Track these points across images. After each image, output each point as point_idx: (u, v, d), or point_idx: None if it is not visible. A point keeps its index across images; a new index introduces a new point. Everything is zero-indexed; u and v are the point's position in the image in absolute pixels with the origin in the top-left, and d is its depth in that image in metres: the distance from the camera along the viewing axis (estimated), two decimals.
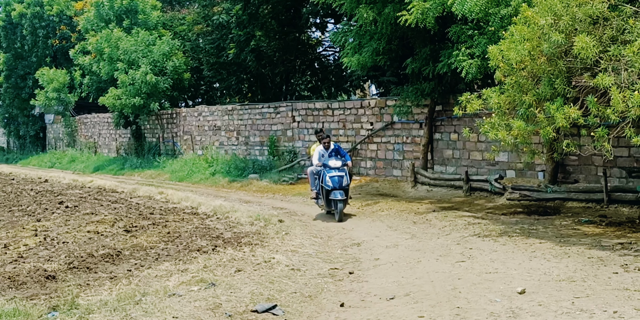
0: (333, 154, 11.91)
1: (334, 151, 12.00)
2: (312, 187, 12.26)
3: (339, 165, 11.51)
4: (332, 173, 11.37)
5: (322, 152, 12.00)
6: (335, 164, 11.50)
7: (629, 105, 6.99)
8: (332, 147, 12.09)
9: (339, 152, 12.03)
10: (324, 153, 11.97)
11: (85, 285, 6.62)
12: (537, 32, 8.15)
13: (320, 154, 12.00)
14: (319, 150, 12.04)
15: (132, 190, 16.23)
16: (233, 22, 22.42)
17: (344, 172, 11.50)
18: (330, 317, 5.54)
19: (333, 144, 12.19)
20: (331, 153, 11.94)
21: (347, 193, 11.49)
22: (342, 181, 11.34)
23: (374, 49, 13.71)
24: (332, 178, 11.32)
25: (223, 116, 22.65)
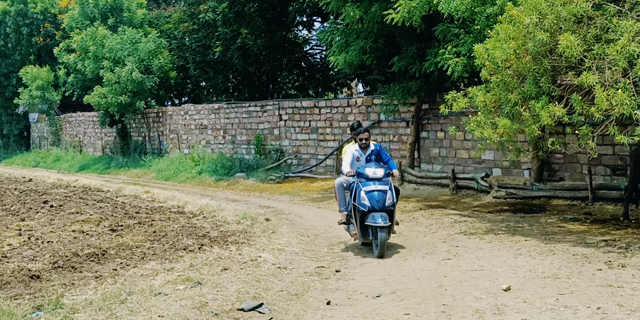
0: (372, 159, 8.63)
1: (373, 154, 8.68)
2: (340, 208, 8.80)
3: (381, 175, 8.10)
4: (370, 186, 7.99)
5: (356, 154, 8.72)
6: (375, 172, 8.10)
7: (612, 103, 7.05)
8: (372, 148, 8.72)
9: (380, 155, 8.71)
10: (359, 155, 8.70)
11: (70, 285, 6.57)
12: (522, 31, 8.19)
13: (354, 157, 8.71)
14: (352, 152, 8.74)
15: (117, 190, 16.14)
16: (219, 20, 22.34)
17: (388, 186, 8.07)
18: (316, 315, 5.54)
19: (373, 145, 8.80)
20: (370, 157, 8.66)
21: (391, 217, 8.02)
22: (384, 199, 7.93)
23: (360, 48, 13.74)
24: (369, 194, 7.94)
25: (210, 115, 22.58)
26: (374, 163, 8.42)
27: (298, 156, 18.97)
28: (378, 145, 8.86)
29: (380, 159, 8.65)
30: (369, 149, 8.66)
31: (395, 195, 8.13)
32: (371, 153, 8.67)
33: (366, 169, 8.21)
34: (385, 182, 8.08)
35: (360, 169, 8.28)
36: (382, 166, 8.33)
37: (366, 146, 8.64)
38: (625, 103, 6.98)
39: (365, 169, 8.20)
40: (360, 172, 8.21)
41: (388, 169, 8.34)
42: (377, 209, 7.87)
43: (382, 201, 7.93)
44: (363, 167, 8.28)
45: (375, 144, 8.81)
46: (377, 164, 8.38)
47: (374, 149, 8.71)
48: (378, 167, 8.26)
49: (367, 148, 8.66)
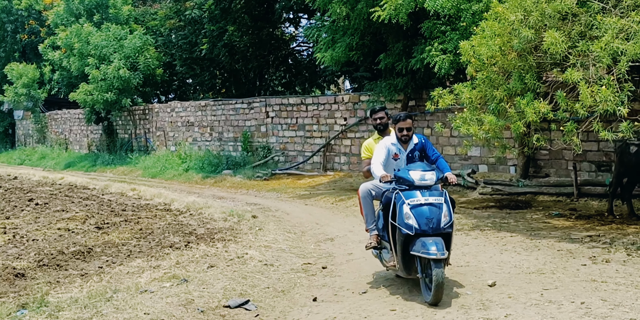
0: (417, 156, 6.35)
1: (417, 150, 6.37)
2: (367, 225, 6.52)
3: (432, 181, 5.87)
4: (418, 198, 5.74)
5: (393, 149, 6.36)
6: (424, 177, 5.84)
7: (596, 100, 7.10)
8: (416, 141, 6.39)
9: (425, 151, 6.39)
10: (397, 152, 6.35)
11: (55, 283, 6.53)
12: (507, 27, 8.22)
13: (389, 153, 6.35)
14: (388, 147, 6.35)
15: (104, 187, 16.05)
16: (205, 17, 22.26)
17: (442, 197, 5.83)
18: (302, 311, 5.55)
19: (417, 136, 6.44)
20: (413, 153, 6.35)
21: (448, 243, 5.76)
22: (438, 217, 5.68)
23: (347, 45, 13.73)
24: (417, 210, 5.68)
25: (196, 112, 22.51)
26: (420, 163, 6.05)
27: (285, 153, 18.96)
28: (423, 137, 6.46)
29: (426, 157, 6.31)
30: (411, 143, 6.27)
31: (451, 209, 5.77)
32: (414, 148, 6.30)
33: (410, 172, 5.79)
34: (437, 191, 5.80)
35: (402, 172, 5.88)
36: (431, 167, 5.97)
37: (408, 139, 6.22)
38: (609, 99, 7.03)
39: (409, 173, 5.79)
40: (402, 176, 5.80)
41: (440, 173, 6.02)
42: (428, 231, 5.53)
43: (436, 220, 5.58)
44: (405, 170, 5.88)
45: (419, 135, 6.44)
46: (425, 165, 5.97)
47: (418, 143, 6.30)
48: (427, 169, 5.85)
49: (408, 142, 6.26)
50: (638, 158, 9.01)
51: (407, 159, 6.29)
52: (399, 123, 6.19)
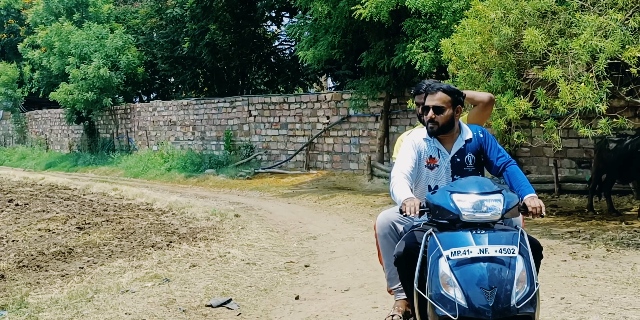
0: (470, 162, 3.89)
1: (469, 150, 3.90)
2: (390, 283, 4.38)
3: (494, 213, 3.35)
4: (467, 247, 3.25)
5: (425, 149, 3.93)
6: (482, 204, 3.35)
7: (576, 97, 7.16)
8: (469, 135, 3.93)
9: (484, 154, 3.91)
10: (437, 156, 3.92)
11: (36, 284, 6.47)
12: (487, 25, 8.25)
13: (419, 157, 3.92)
14: (415, 145, 3.95)
15: (85, 187, 15.93)
16: (187, 16, 22.14)
17: (515, 244, 3.28)
18: (285, 310, 5.54)
19: (471, 129, 3.97)
20: (462, 157, 3.90)
21: None
22: (505, 286, 3.16)
23: (329, 43, 13.73)
24: (465, 271, 3.20)
25: (178, 111, 22.41)
26: (474, 178, 3.61)
27: (268, 152, 18.92)
28: (481, 129, 3.99)
29: (486, 164, 3.92)
30: (460, 139, 3.91)
31: (532, 267, 3.33)
32: (464, 148, 3.89)
33: (455, 195, 3.41)
34: (506, 233, 3.37)
35: (439, 195, 3.49)
36: (494, 186, 3.44)
37: (436, 128, 3.85)
38: (588, 96, 7.09)
39: (451, 197, 3.41)
40: (439, 204, 3.43)
41: (513, 197, 3.47)
42: (486, 314, 3.12)
43: (503, 292, 3.16)
44: (445, 191, 3.49)
45: (474, 126, 4.01)
46: (483, 182, 3.49)
47: (472, 139, 3.91)
48: (487, 189, 3.41)
49: (454, 140, 3.90)
50: (616, 154, 9.11)
51: (453, 167, 3.80)
52: (426, 96, 3.83)
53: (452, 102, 3.86)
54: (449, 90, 3.87)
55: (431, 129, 3.87)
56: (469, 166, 3.91)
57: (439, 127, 3.86)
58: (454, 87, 3.90)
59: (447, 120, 3.85)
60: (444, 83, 3.99)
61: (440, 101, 3.83)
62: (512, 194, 3.51)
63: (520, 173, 3.82)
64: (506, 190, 3.49)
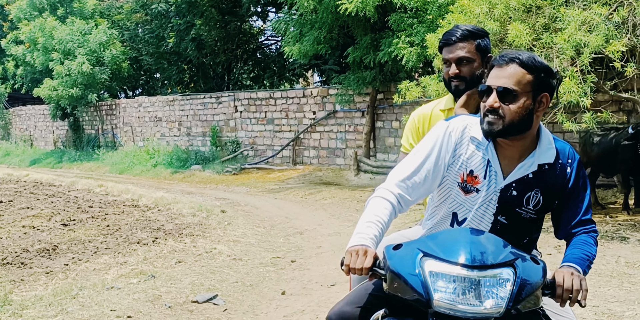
0: (530, 206, 2.29)
1: (539, 185, 2.27)
2: None
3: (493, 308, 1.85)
4: None
5: (470, 160, 2.29)
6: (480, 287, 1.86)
7: (560, 91, 7.19)
8: (551, 160, 2.28)
9: (562, 203, 2.34)
10: (484, 177, 2.27)
11: (20, 281, 6.41)
12: (473, 20, 8.25)
13: (446, 166, 2.31)
14: (453, 144, 2.31)
15: (70, 184, 15.81)
16: (172, 11, 22.02)
17: None
18: (271, 305, 5.53)
19: (560, 150, 2.32)
20: (521, 189, 2.27)
21: None
22: None
23: (315, 38, 13.70)
24: None
25: (164, 107, 22.29)
26: (471, 234, 2.01)
27: (254, 147, 18.88)
28: (573, 152, 2.37)
29: (556, 215, 2.43)
30: (532, 158, 2.29)
31: None
32: (533, 179, 2.29)
33: (430, 264, 1.93)
34: None
35: (403, 256, 2.00)
36: (507, 246, 2.00)
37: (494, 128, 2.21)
38: (572, 91, 7.12)
39: (423, 266, 1.94)
40: (401, 275, 1.96)
41: (533, 274, 1.98)
42: None
43: None
44: (413, 252, 1.99)
45: (564, 143, 2.40)
46: (481, 244, 1.97)
47: (553, 167, 2.31)
48: (487, 257, 1.91)
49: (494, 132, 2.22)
50: (600, 148, 9.16)
51: (501, 201, 2.31)
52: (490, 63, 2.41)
53: (534, 86, 2.22)
54: (532, 63, 2.21)
55: (489, 126, 2.22)
56: (526, 209, 2.31)
57: (503, 126, 2.20)
58: (541, 60, 2.24)
59: (520, 116, 2.20)
60: (528, 52, 2.29)
61: (512, 81, 2.20)
62: (535, 266, 2.00)
63: (591, 244, 2.35)
64: (526, 258, 2.00)
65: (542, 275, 2.00)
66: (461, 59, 2.81)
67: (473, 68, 2.81)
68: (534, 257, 2.03)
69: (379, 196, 2.31)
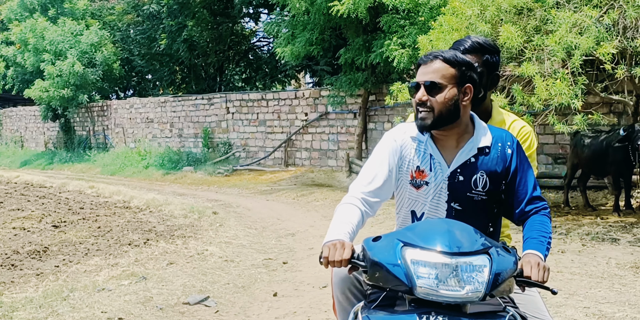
0: (475, 185, 2.41)
1: (482, 168, 2.42)
2: None
3: (472, 292, 1.96)
4: None
5: (411, 157, 2.48)
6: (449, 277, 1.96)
7: (552, 93, 7.22)
8: (486, 141, 2.45)
9: (509, 184, 2.45)
10: (426, 166, 2.46)
11: (10, 283, 6.38)
12: (464, 22, 8.29)
13: (398, 167, 2.50)
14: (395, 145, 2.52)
15: (61, 185, 15.75)
16: (164, 12, 21.97)
17: None
18: (263, 307, 5.52)
19: (491, 131, 2.48)
20: (467, 175, 2.41)
21: None
22: None
23: (307, 40, 13.70)
24: None
25: (156, 108, 22.24)
26: (446, 223, 2.13)
27: (246, 149, 18.86)
28: (507, 135, 2.52)
29: (506, 197, 2.48)
30: (469, 144, 2.45)
31: None
32: (476, 163, 2.44)
33: (410, 253, 2.02)
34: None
35: (384, 246, 2.09)
36: (481, 236, 2.10)
37: (426, 125, 2.42)
38: (563, 93, 7.16)
39: (404, 255, 2.02)
40: (382, 264, 2.05)
41: (506, 263, 2.05)
42: None
43: None
44: (393, 242, 2.07)
45: (501, 130, 2.55)
46: (457, 233, 2.06)
47: (491, 150, 2.45)
48: (464, 244, 2.02)
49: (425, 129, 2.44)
50: (591, 150, 9.20)
51: (451, 188, 2.44)
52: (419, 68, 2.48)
53: (458, 78, 2.40)
54: (453, 59, 2.40)
55: (421, 121, 2.41)
56: (476, 191, 2.42)
57: (434, 118, 2.38)
58: (462, 56, 2.44)
59: (447, 107, 2.37)
60: (452, 50, 2.52)
61: (437, 75, 2.38)
62: (508, 255, 2.09)
63: (546, 223, 2.46)
64: (498, 247, 2.09)
65: (514, 263, 2.11)
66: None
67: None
68: (506, 247, 2.14)
69: (345, 203, 2.49)
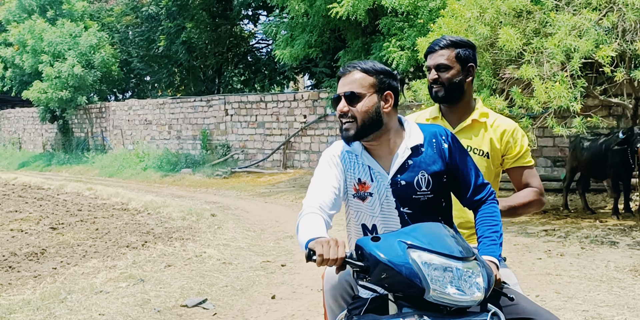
0: (423, 188, 2.40)
1: (422, 167, 2.41)
2: None
3: (477, 297, 2.02)
4: None
5: (354, 172, 2.48)
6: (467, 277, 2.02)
7: (551, 96, 7.21)
8: (418, 140, 2.45)
9: (452, 176, 2.46)
10: (366, 177, 2.45)
11: (7, 285, 6.35)
12: (463, 24, 8.28)
13: (345, 183, 2.49)
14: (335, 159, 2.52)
15: (59, 187, 15.72)
16: (163, 14, 21.98)
17: None
18: (261, 309, 5.50)
19: (421, 129, 2.49)
20: (412, 178, 2.40)
21: None
22: None
23: (306, 42, 13.70)
24: None
25: (154, 110, 22.21)
26: (439, 228, 2.17)
27: (245, 151, 18.84)
28: (444, 130, 2.51)
29: (453, 187, 2.51)
30: (402, 147, 2.44)
31: None
32: (414, 164, 2.43)
33: (419, 255, 2.00)
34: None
35: (388, 247, 2.02)
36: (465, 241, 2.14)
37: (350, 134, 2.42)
38: (562, 95, 7.15)
39: (414, 257, 1.99)
40: (393, 265, 1.97)
41: (490, 268, 2.15)
42: None
43: None
44: (395, 243, 2.03)
45: (431, 125, 2.55)
46: (451, 238, 2.11)
47: (424, 147, 2.45)
48: (463, 249, 2.06)
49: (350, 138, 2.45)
50: (590, 153, 9.19)
51: (397, 194, 2.42)
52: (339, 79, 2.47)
53: (377, 86, 2.42)
54: (371, 68, 2.43)
55: (345, 132, 2.43)
56: (422, 192, 2.41)
57: (357, 127, 2.39)
58: (381, 65, 2.45)
59: (369, 115, 2.38)
60: (370, 60, 2.49)
61: (355, 85, 2.40)
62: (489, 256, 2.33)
63: (494, 214, 2.49)
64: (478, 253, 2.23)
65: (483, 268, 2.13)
66: (439, 65, 2.92)
67: (451, 75, 2.91)
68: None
69: (307, 213, 2.36)
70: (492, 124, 2.96)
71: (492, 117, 2.98)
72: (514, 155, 2.97)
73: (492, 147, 2.95)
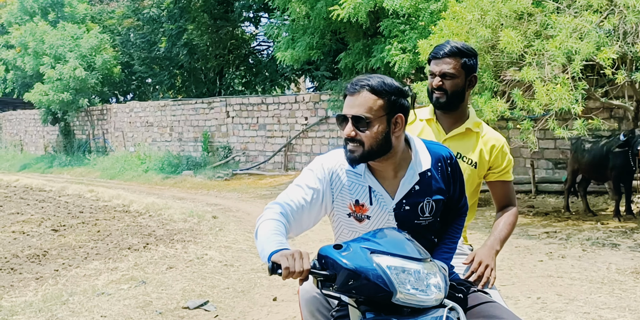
0: (426, 213, 2.37)
1: (428, 193, 2.36)
2: None
3: (439, 296, 2.07)
4: None
5: (351, 191, 2.36)
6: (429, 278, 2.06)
7: (552, 98, 7.22)
8: (429, 166, 2.36)
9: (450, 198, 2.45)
10: (370, 203, 2.35)
11: (9, 287, 6.37)
12: (464, 27, 8.29)
13: (332, 197, 2.39)
14: (329, 178, 2.39)
15: (60, 189, 15.74)
16: (164, 16, 22.02)
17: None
18: (262, 311, 5.51)
19: (434, 156, 2.39)
20: (417, 205, 2.34)
21: None
22: None
23: (307, 44, 13.70)
24: None
25: (155, 112, 22.24)
26: (394, 232, 2.19)
27: (246, 153, 18.85)
28: (448, 152, 2.45)
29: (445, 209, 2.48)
30: (411, 172, 2.35)
31: None
32: (421, 190, 2.36)
33: (383, 260, 2.02)
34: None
35: (354, 254, 2.05)
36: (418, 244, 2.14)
37: (354, 155, 2.29)
38: (564, 98, 7.15)
39: (378, 262, 2.02)
40: (361, 271, 2.00)
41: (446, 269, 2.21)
42: None
43: None
44: (360, 249, 2.06)
45: (438, 146, 2.48)
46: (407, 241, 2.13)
47: (431, 171, 2.38)
48: (421, 252, 2.11)
49: (354, 159, 2.30)
50: (591, 155, 9.20)
51: (399, 219, 2.36)
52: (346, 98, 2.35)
53: (387, 109, 2.25)
54: (381, 88, 2.24)
55: (350, 154, 2.28)
56: (424, 218, 2.37)
57: (363, 151, 2.26)
58: (391, 81, 2.27)
59: (377, 141, 2.25)
60: (379, 75, 2.30)
61: (364, 109, 2.24)
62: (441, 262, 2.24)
63: (460, 228, 2.60)
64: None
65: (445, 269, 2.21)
66: (445, 74, 2.90)
67: (455, 84, 2.91)
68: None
69: (267, 219, 2.28)
70: (483, 135, 3.00)
71: (484, 129, 3.02)
72: (500, 170, 3.04)
73: (481, 158, 2.97)
